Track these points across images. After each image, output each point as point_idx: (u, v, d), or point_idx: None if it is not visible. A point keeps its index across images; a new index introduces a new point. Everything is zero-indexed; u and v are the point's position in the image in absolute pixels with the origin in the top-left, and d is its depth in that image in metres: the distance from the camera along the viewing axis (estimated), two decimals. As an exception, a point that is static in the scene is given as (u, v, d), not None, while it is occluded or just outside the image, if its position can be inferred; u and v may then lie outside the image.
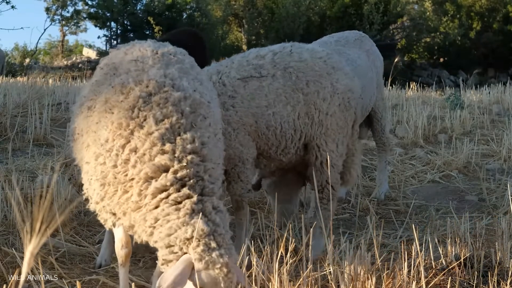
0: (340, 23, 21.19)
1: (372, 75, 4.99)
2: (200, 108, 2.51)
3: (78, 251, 3.68)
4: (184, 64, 2.77)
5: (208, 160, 2.41)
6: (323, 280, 3.02)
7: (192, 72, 2.76)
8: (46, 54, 31.37)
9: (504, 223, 3.59)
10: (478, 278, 3.04)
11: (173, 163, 2.31)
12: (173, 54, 2.80)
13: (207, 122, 2.52)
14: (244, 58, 3.69)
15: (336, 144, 3.73)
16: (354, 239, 3.95)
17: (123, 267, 2.79)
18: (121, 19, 22.71)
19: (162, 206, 2.28)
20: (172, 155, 2.32)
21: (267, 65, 3.61)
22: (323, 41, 4.98)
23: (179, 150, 2.33)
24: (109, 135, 2.40)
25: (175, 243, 2.24)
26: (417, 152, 6.81)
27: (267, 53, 3.70)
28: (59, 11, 27.10)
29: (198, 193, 2.31)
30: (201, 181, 2.34)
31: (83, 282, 3.17)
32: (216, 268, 2.18)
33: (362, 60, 4.91)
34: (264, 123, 3.52)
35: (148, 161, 2.32)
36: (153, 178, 2.31)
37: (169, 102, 2.42)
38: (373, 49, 5.21)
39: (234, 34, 24.81)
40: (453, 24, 23.26)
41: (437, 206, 5.13)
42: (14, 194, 3.85)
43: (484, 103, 9.84)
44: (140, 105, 2.42)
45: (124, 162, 2.35)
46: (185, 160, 2.33)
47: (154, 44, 2.87)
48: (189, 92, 2.52)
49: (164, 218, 2.27)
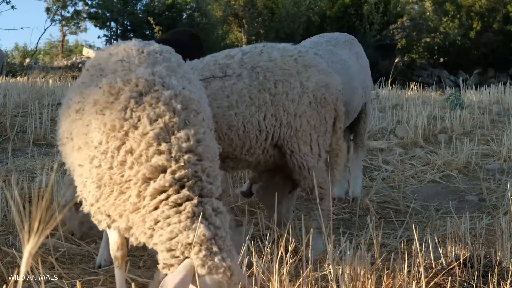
0: (340, 23, 21.20)
1: (361, 78, 4.96)
2: (192, 104, 2.50)
3: (78, 251, 3.68)
4: (171, 62, 2.75)
5: (205, 159, 2.40)
6: (323, 280, 3.01)
7: (179, 70, 2.74)
8: (46, 54, 31.36)
9: (504, 223, 3.59)
10: (478, 278, 3.04)
11: (171, 163, 2.30)
12: (159, 53, 2.77)
13: (200, 117, 2.51)
14: (214, 58, 3.65)
15: (310, 145, 3.65)
16: (354, 239, 3.95)
17: (119, 269, 2.78)
18: (121, 19, 22.72)
19: (162, 208, 2.27)
20: (168, 155, 2.31)
21: (234, 65, 3.56)
22: (314, 41, 4.95)
23: (175, 149, 2.32)
24: (103, 137, 2.38)
25: (176, 247, 2.23)
26: (417, 152, 6.81)
27: (237, 53, 3.65)
28: (59, 11, 27.11)
29: (197, 194, 2.30)
30: (199, 181, 2.33)
31: (83, 282, 3.17)
32: (220, 273, 2.18)
33: (353, 61, 4.90)
34: (225, 124, 3.46)
35: (145, 162, 2.31)
36: (151, 179, 2.30)
37: (160, 102, 2.41)
38: (362, 53, 5.20)
39: (234, 34, 24.82)
40: (453, 24, 23.26)
41: (437, 206, 5.13)
42: (13, 195, 3.85)
43: (484, 103, 9.83)
44: (133, 106, 2.40)
45: (120, 163, 2.34)
46: (182, 159, 2.32)
47: (139, 43, 2.84)
48: (179, 90, 2.50)
49: (164, 221, 2.26)
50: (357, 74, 4.87)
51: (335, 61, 4.60)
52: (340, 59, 4.68)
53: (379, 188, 5.52)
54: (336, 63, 4.60)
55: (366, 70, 5.19)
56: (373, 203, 5.03)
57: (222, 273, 2.17)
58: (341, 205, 5.09)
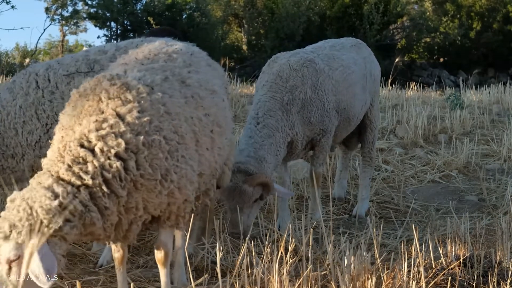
0: (340, 23, 21.18)
1: (364, 84, 4.89)
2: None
3: (78, 251, 3.68)
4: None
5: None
6: (323, 280, 3.01)
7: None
8: (46, 54, 31.31)
9: (504, 223, 3.60)
10: (478, 278, 3.04)
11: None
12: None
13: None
14: (86, 53, 3.64)
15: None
16: (354, 239, 3.95)
17: (119, 270, 2.81)
18: (121, 19, 22.69)
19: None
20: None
21: (104, 60, 3.53)
22: (318, 46, 4.92)
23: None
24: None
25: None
26: (417, 152, 6.81)
27: (110, 48, 3.63)
28: (59, 11, 27.07)
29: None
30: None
31: (83, 282, 3.17)
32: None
33: (358, 66, 4.81)
34: None
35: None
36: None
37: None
38: (371, 58, 5.12)
39: (234, 34, 24.79)
40: (453, 24, 23.24)
41: (437, 206, 5.14)
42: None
43: (484, 103, 9.83)
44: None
45: None
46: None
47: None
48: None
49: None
50: (360, 80, 4.80)
51: (333, 68, 4.56)
52: (341, 65, 4.63)
53: (379, 188, 5.52)
54: (335, 69, 4.57)
55: (374, 75, 5.08)
56: (373, 203, 5.03)
57: None
58: (341, 205, 5.09)
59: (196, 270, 3.45)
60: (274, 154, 4.14)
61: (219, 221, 3.58)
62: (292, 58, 4.47)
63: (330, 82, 4.48)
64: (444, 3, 24.40)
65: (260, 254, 3.15)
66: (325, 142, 4.47)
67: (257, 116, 4.22)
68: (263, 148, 4.08)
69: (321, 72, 4.45)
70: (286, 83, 4.31)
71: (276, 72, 4.38)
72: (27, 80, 3.55)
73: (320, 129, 4.41)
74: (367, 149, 5.15)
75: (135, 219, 2.51)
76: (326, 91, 4.42)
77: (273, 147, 4.13)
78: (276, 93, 4.29)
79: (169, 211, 2.63)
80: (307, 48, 4.91)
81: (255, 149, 4.06)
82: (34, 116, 3.46)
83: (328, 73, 4.49)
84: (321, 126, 4.41)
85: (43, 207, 2.23)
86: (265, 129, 4.15)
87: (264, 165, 4.03)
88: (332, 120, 4.47)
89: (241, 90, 10.39)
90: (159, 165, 2.48)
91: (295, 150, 4.39)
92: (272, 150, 4.13)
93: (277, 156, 4.18)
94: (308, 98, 4.33)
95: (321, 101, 4.39)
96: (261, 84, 4.46)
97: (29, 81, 3.54)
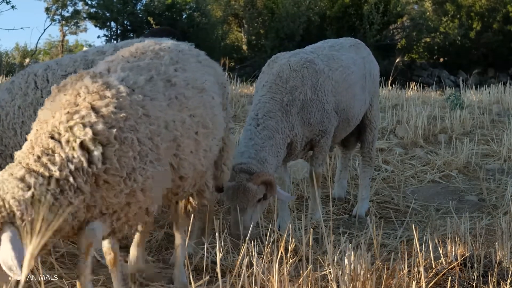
0: (340, 23, 21.18)
1: (364, 84, 4.89)
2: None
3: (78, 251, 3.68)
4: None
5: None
6: (323, 280, 3.01)
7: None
8: (46, 54, 31.31)
9: (504, 223, 3.60)
10: (478, 278, 3.04)
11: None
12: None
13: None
14: (84, 53, 3.65)
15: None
16: (354, 239, 3.96)
17: (113, 272, 2.81)
18: (121, 19, 22.68)
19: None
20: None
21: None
22: (317, 46, 4.91)
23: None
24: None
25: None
26: (417, 152, 6.81)
27: (108, 48, 3.63)
28: (59, 11, 27.07)
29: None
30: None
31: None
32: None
33: (357, 66, 4.81)
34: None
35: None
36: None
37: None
38: (370, 58, 5.12)
39: (234, 34, 24.78)
40: (453, 24, 23.24)
41: (437, 206, 5.14)
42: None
43: (484, 103, 9.82)
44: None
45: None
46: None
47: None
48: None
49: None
50: (359, 80, 4.80)
51: (333, 68, 4.56)
52: (341, 65, 4.63)
53: (379, 188, 5.52)
54: (335, 70, 4.56)
55: (373, 75, 5.08)
56: (373, 203, 5.03)
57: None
58: (341, 205, 5.10)
59: (196, 270, 3.45)
60: (275, 156, 4.14)
61: (219, 221, 3.58)
62: (292, 59, 4.46)
63: (330, 83, 4.48)
64: (444, 3, 24.40)
65: (260, 254, 3.15)
66: (324, 143, 4.47)
67: (257, 117, 4.21)
68: (264, 149, 4.08)
69: (321, 73, 4.44)
70: (286, 84, 4.31)
71: (276, 73, 4.38)
72: (25, 80, 3.55)
73: (319, 130, 4.41)
74: (367, 149, 5.14)
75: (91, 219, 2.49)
76: (325, 92, 4.42)
77: (273, 149, 4.13)
78: (276, 94, 4.28)
79: (125, 216, 2.56)
80: (306, 48, 4.91)
81: (256, 150, 4.06)
82: (33, 116, 3.46)
83: (328, 73, 4.49)
84: (320, 127, 4.40)
85: (16, 198, 2.22)
86: (265, 130, 4.14)
87: (266, 166, 4.02)
88: (331, 121, 4.47)
89: (241, 90, 10.39)
90: (127, 163, 2.44)
91: (295, 151, 4.39)
92: (273, 152, 4.12)
93: (278, 157, 4.18)
94: (308, 99, 4.33)
95: (321, 102, 4.38)
96: (261, 84, 4.46)
97: (27, 82, 3.54)
